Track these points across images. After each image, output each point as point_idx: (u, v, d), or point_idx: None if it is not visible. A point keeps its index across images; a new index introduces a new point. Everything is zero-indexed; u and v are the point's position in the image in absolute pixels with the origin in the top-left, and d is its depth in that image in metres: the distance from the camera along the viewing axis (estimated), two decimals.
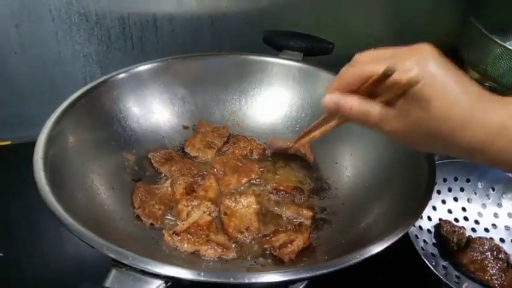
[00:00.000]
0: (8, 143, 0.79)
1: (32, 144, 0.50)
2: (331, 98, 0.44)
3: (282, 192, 0.63)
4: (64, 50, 0.78)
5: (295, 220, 0.60)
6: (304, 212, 0.60)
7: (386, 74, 0.39)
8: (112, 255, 0.39)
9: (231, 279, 0.38)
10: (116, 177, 0.59)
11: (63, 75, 0.80)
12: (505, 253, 0.62)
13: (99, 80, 0.63)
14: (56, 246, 0.62)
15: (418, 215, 0.51)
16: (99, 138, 0.61)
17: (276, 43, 0.78)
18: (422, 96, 0.38)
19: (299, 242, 0.54)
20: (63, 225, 0.41)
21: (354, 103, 0.43)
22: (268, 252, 0.55)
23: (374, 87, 0.42)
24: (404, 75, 0.37)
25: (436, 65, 0.38)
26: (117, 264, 0.39)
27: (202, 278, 0.38)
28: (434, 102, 0.38)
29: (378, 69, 0.40)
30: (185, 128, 0.72)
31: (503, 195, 0.69)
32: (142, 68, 0.67)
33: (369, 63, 0.42)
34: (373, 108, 0.42)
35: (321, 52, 0.78)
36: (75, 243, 0.61)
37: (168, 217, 0.58)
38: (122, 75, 0.65)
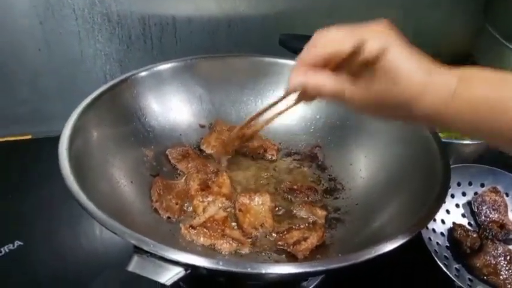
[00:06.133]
0: (29, 137, 0.82)
1: (51, 139, 0.52)
2: (299, 75, 0.43)
3: (295, 191, 0.64)
4: (86, 49, 0.80)
5: (309, 218, 0.60)
6: (318, 210, 0.61)
7: (357, 50, 0.39)
8: (134, 242, 0.40)
9: (249, 269, 0.39)
10: (135, 171, 0.61)
11: (84, 72, 0.82)
12: None
13: (121, 77, 0.65)
14: (74, 236, 0.64)
15: (431, 216, 0.51)
16: (120, 133, 0.62)
17: (292, 46, 0.79)
18: (388, 66, 0.39)
19: (313, 239, 0.55)
20: (88, 214, 0.43)
21: (325, 78, 0.42)
22: (282, 248, 0.55)
23: (340, 65, 0.42)
24: (371, 47, 0.39)
25: (396, 36, 0.40)
26: (139, 250, 0.40)
27: (220, 267, 0.39)
28: (398, 71, 0.39)
29: (343, 47, 0.40)
30: (202, 126, 0.73)
31: None
32: (163, 67, 0.69)
33: (331, 42, 0.42)
34: (345, 81, 0.42)
35: None
36: (92, 233, 0.64)
37: (185, 211, 0.59)
38: (143, 74, 0.67)
